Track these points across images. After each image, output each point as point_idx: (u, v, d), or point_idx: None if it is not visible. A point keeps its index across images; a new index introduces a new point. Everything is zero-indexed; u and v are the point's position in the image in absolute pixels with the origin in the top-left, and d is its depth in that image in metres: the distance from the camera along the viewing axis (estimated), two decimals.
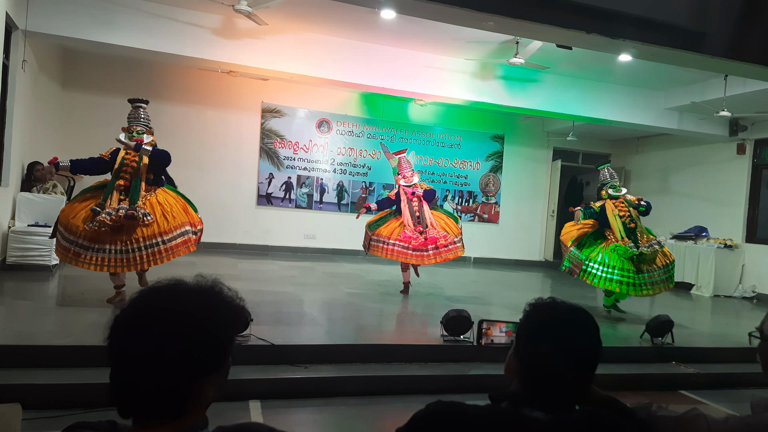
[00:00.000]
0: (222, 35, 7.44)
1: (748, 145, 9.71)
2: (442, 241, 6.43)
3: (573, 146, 12.06)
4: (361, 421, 3.75)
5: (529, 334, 1.25)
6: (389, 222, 6.68)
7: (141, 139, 4.91)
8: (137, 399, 0.94)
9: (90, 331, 4.15)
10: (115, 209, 4.57)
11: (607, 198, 6.36)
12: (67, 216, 4.71)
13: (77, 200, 4.89)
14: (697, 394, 4.68)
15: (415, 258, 6.42)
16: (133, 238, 4.61)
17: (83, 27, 6.86)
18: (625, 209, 6.22)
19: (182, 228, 4.87)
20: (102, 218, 4.51)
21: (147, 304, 0.99)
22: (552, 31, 4.86)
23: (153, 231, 4.68)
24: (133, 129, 5.01)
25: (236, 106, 10.22)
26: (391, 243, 6.46)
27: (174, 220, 4.83)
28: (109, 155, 4.97)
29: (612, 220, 6.16)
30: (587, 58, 7.58)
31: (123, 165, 4.85)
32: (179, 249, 4.83)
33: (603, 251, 6.05)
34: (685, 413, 1.41)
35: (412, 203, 6.61)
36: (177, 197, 5.09)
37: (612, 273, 5.92)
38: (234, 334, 1.05)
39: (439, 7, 4.47)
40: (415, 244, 6.35)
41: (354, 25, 7.42)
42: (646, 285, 5.97)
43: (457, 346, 4.64)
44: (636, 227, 6.14)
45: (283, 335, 4.45)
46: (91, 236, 4.55)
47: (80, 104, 9.34)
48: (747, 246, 9.54)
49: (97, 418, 1.09)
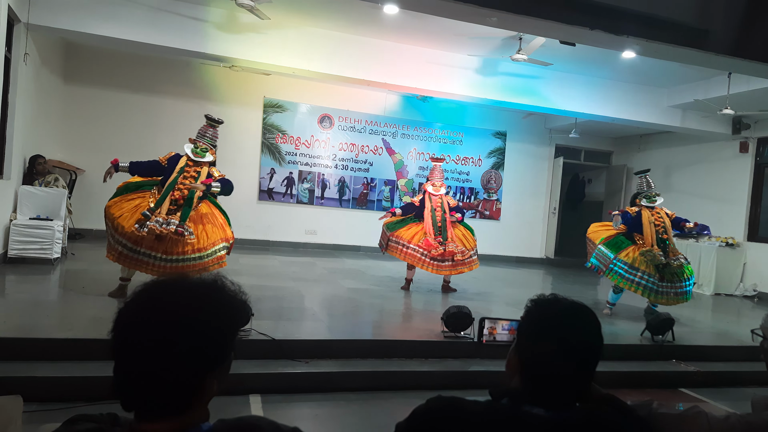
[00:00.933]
0: (224, 29, 7.42)
1: (751, 144, 9.68)
2: (459, 256, 6.52)
3: (575, 143, 12.04)
4: (361, 416, 3.75)
5: (531, 331, 1.24)
6: (410, 226, 6.74)
7: (210, 180, 5.06)
8: (143, 393, 0.94)
9: (91, 324, 4.16)
10: (165, 220, 4.68)
11: (642, 206, 6.41)
12: (114, 213, 4.80)
13: (123, 198, 4.95)
14: (697, 392, 4.68)
15: (431, 267, 6.49)
16: (172, 250, 4.72)
17: (85, 20, 6.86)
18: (661, 220, 6.30)
19: (217, 245, 4.98)
20: (152, 227, 4.61)
21: (153, 298, 0.99)
22: (555, 28, 4.84)
23: (192, 248, 4.79)
24: (198, 145, 5.20)
25: (238, 101, 10.21)
26: (411, 248, 6.54)
27: (212, 237, 4.94)
28: (167, 161, 5.09)
29: (647, 228, 6.21)
30: (590, 55, 7.56)
31: (182, 175, 4.97)
32: (211, 265, 4.95)
33: (632, 253, 6.13)
34: (685, 411, 1.41)
35: (436, 213, 6.64)
36: (218, 213, 5.24)
37: (636, 276, 6.01)
38: (238, 328, 1.05)
39: (442, 2, 4.46)
40: (435, 253, 6.42)
41: (356, 21, 7.40)
42: (666, 294, 6.06)
43: (458, 343, 4.65)
44: (668, 239, 6.22)
45: (284, 330, 4.46)
46: (135, 239, 4.67)
47: (82, 98, 9.34)
48: (749, 244, 9.52)
49: (98, 411, 1.09)
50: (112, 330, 0.97)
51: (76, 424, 1.00)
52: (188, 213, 4.82)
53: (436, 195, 6.79)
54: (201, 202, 5.08)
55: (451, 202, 6.92)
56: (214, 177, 5.16)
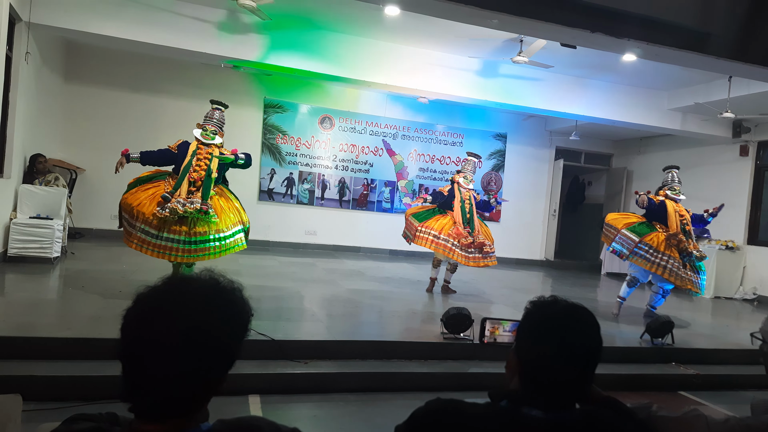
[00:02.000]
0: (225, 30, 7.43)
1: (752, 147, 9.68)
2: (487, 248, 6.59)
3: (575, 146, 12.04)
4: (360, 417, 3.75)
5: (530, 332, 1.24)
6: (437, 217, 6.79)
7: (235, 150, 5.24)
8: (152, 397, 0.92)
9: (90, 323, 4.16)
10: (188, 200, 4.71)
11: (666, 198, 6.50)
12: (131, 204, 4.81)
13: (138, 189, 4.98)
14: (696, 395, 4.68)
15: (460, 256, 6.52)
16: (193, 231, 4.73)
17: (86, 19, 6.86)
18: (684, 212, 6.41)
19: (236, 227, 5.05)
20: (174, 205, 4.63)
21: (161, 302, 0.96)
22: (556, 30, 4.84)
23: (212, 228, 4.82)
24: (207, 128, 5.23)
25: (239, 101, 10.18)
26: (443, 238, 6.57)
27: (230, 220, 5.01)
28: (177, 147, 5.14)
29: (672, 217, 6.30)
30: (591, 58, 7.56)
31: (196, 158, 5.03)
32: (232, 247, 5.00)
33: (656, 239, 6.18)
34: (684, 413, 1.41)
35: (465, 205, 6.71)
36: (232, 197, 5.33)
37: (659, 258, 6.05)
38: (246, 330, 1.03)
39: (443, 4, 4.46)
40: (465, 242, 6.47)
41: (358, 22, 7.40)
42: (687, 280, 6.11)
43: (457, 344, 4.64)
44: (690, 231, 6.32)
45: (283, 330, 4.46)
46: (158, 224, 4.67)
47: (82, 97, 9.34)
48: (748, 248, 9.52)
49: (97, 410, 1.09)
50: (121, 334, 0.95)
51: (76, 423, 1.00)
52: (209, 192, 4.87)
53: (466, 188, 6.84)
54: (218, 184, 5.16)
55: (476, 197, 7.01)
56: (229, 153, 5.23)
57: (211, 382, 0.96)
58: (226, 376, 1.00)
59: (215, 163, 5.10)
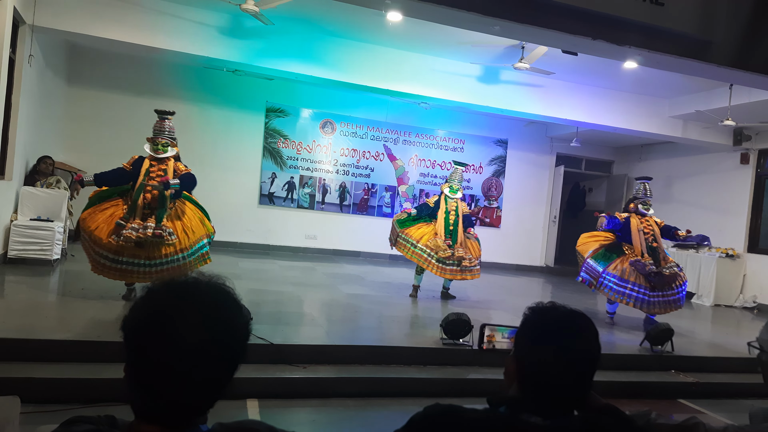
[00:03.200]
0: (228, 34, 7.46)
1: (752, 155, 9.69)
2: (466, 263, 6.50)
3: (576, 152, 12.05)
4: (358, 422, 3.74)
5: (528, 338, 1.24)
6: (420, 225, 6.73)
7: (166, 178, 4.84)
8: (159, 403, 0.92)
9: (90, 326, 4.16)
10: (141, 225, 4.64)
11: (634, 213, 6.36)
12: (89, 226, 4.75)
13: (96, 207, 4.90)
14: (695, 403, 4.67)
15: (437, 269, 6.47)
16: (157, 254, 4.70)
17: (90, 23, 6.89)
18: (650, 228, 6.25)
19: (200, 242, 4.97)
20: (128, 234, 4.57)
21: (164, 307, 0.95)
22: (558, 37, 4.85)
23: (174, 249, 4.76)
24: (158, 141, 5.06)
25: (240, 105, 10.24)
26: (419, 248, 6.52)
27: (193, 236, 4.92)
28: (131, 165, 5.01)
29: (635, 236, 6.16)
30: (592, 65, 7.58)
31: (148, 177, 4.89)
32: (197, 263, 4.94)
33: (620, 265, 6.07)
34: (683, 421, 1.41)
35: (450, 216, 6.65)
36: (194, 209, 5.16)
37: (626, 288, 5.96)
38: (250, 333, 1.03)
39: (445, 10, 4.47)
40: (442, 255, 6.40)
41: (360, 27, 7.43)
42: (658, 304, 6.02)
43: (456, 350, 4.64)
44: (657, 247, 6.17)
45: (283, 335, 4.45)
46: (115, 249, 4.63)
47: (85, 100, 9.36)
48: (749, 256, 9.51)
49: (95, 413, 1.09)
50: (125, 341, 0.95)
51: (74, 425, 1.00)
52: (163, 214, 4.76)
53: (452, 198, 6.79)
54: (175, 200, 5.00)
55: (465, 209, 6.88)
56: (179, 171, 5.00)
57: (218, 386, 0.96)
58: (232, 381, 1.00)
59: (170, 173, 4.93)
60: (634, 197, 6.54)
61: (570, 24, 4.64)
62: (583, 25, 4.66)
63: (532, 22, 4.59)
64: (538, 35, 5.05)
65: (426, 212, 6.85)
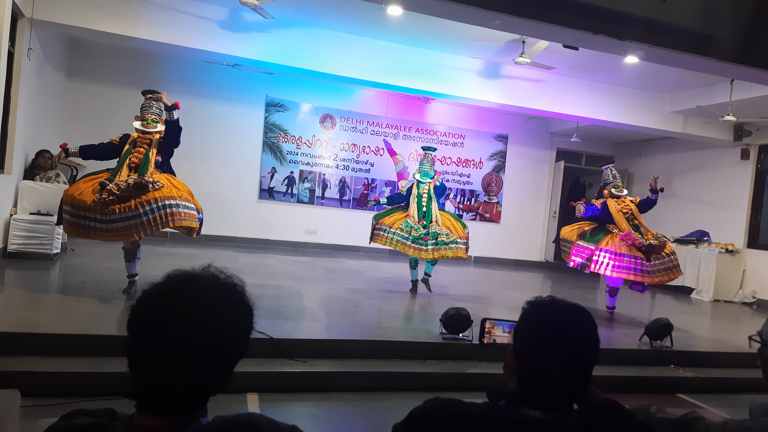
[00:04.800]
0: (228, 28, 7.43)
1: (753, 151, 9.68)
2: (444, 238, 6.40)
3: (576, 147, 12.04)
4: (358, 416, 3.75)
5: (527, 332, 1.24)
6: (394, 213, 6.76)
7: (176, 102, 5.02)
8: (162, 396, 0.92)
9: (90, 320, 4.16)
10: (124, 181, 4.59)
11: (609, 197, 6.45)
12: (72, 194, 4.70)
13: (80, 181, 4.92)
14: (695, 398, 4.68)
15: (413, 250, 6.41)
16: (144, 200, 4.58)
17: (89, 16, 6.86)
18: (627, 207, 6.34)
19: (189, 202, 4.90)
20: (110, 187, 4.48)
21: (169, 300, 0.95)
22: (559, 31, 4.84)
23: (164, 194, 4.67)
24: (147, 117, 5.10)
25: (240, 100, 10.21)
26: (392, 232, 6.50)
27: (183, 194, 4.86)
28: (119, 139, 5.07)
29: (617, 216, 6.26)
30: (593, 60, 7.56)
31: (135, 144, 4.93)
32: (188, 218, 4.81)
33: (611, 241, 6.12)
34: (683, 416, 1.41)
35: (422, 199, 6.65)
36: (182, 183, 5.13)
37: (623, 261, 5.98)
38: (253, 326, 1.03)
39: (445, 4, 4.46)
40: (416, 234, 6.36)
41: (360, 21, 7.40)
42: (659, 272, 6.05)
43: (456, 344, 4.64)
44: (639, 224, 6.26)
45: (283, 329, 4.46)
46: (100, 209, 4.51)
47: (85, 94, 9.34)
48: (748, 251, 9.52)
49: (95, 407, 1.09)
50: (129, 332, 0.95)
51: (74, 418, 1.00)
52: (146, 168, 4.74)
53: (424, 182, 6.78)
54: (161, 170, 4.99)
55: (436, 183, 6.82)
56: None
57: (219, 379, 0.96)
58: (232, 374, 1.00)
59: (155, 143, 5.00)
60: (605, 183, 6.66)
61: (571, 18, 4.63)
62: (584, 20, 4.65)
63: (532, 16, 4.58)
64: (538, 30, 5.04)
65: (397, 201, 6.90)
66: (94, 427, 0.98)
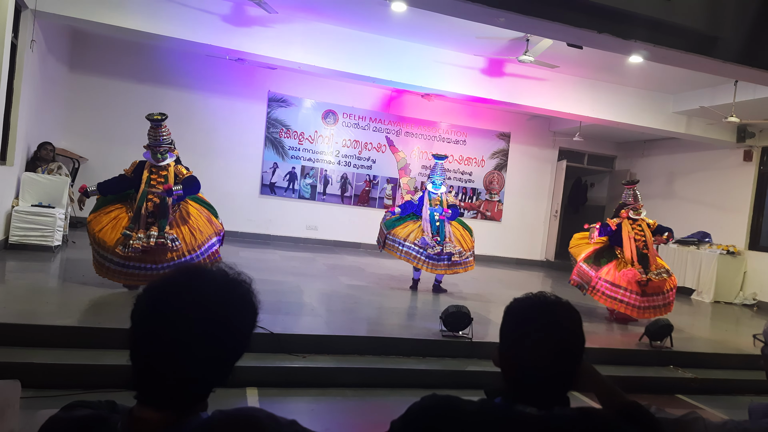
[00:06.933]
0: (231, 22, 7.42)
1: (755, 152, 9.66)
2: (457, 257, 6.47)
3: (579, 147, 12.02)
4: (357, 412, 3.76)
5: (508, 328, 1.25)
6: (407, 224, 6.70)
7: (168, 185, 4.82)
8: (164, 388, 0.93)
9: (90, 312, 4.17)
10: (146, 235, 4.65)
11: (626, 218, 6.35)
12: (94, 227, 4.76)
13: (102, 211, 4.89)
14: (694, 399, 4.68)
15: (427, 266, 6.46)
16: (162, 258, 4.72)
17: (93, 9, 6.85)
18: (642, 233, 6.24)
19: (209, 242, 4.97)
20: (134, 245, 4.60)
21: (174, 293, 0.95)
22: (563, 30, 4.82)
23: (181, 252, 4.76)
24: (156, 151, 4.93)
25: (243, 94, 10.21)
26: (407, 246, 6.51)
27: (201, 236, 4.91)
28: (132, 172, 4.97)
29: (626, 243, 6.18)
30: (597, 59, 7.54)
31: (149, 186, 4.86)
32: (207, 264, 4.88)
33: (613, 270, 6.12)
34: (683, 416, 1.41)
35: (435, 215, 6.61)
36: (200, 208, 5.12)
37: (618, 293, 6.02)
38: (256, 321, 1.04)
39: (450, 1, 4.45)
40: (431, 252, 6.38)
41: (364, 17, 7.39)
42: (648, 309, 6.04)
43: (455, 342, 4.65)
44: (648, 254, 6.17)
45: (283, 324, 4.46)
46: (123, 257, 4.67)
47: (87, 86, 9.34)
48: (750, 253, 9.50)
49: (95, 398, 1.09)
50: (132, 324, 0.95)
51: (74, 409, 1.01)
52: (165, 224, 4.76)
53: (436, 193, 6.75)
54: (178, 204, 4.97)
55: (450, 200, 6.85)
56: (181, 176, 4.97)
57: (221, 373, 0.97)
58: (234, 368, 1.00)
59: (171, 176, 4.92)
60: (624, 204, 6.47)
61: (576, 17, 4.61)
62: (589, 18, 4.63)
63: (537, 14, 4.56)
64: (543, 28, 5.02)
65: (411, 210, 6.82)
66: (94, 419, 0.98)
